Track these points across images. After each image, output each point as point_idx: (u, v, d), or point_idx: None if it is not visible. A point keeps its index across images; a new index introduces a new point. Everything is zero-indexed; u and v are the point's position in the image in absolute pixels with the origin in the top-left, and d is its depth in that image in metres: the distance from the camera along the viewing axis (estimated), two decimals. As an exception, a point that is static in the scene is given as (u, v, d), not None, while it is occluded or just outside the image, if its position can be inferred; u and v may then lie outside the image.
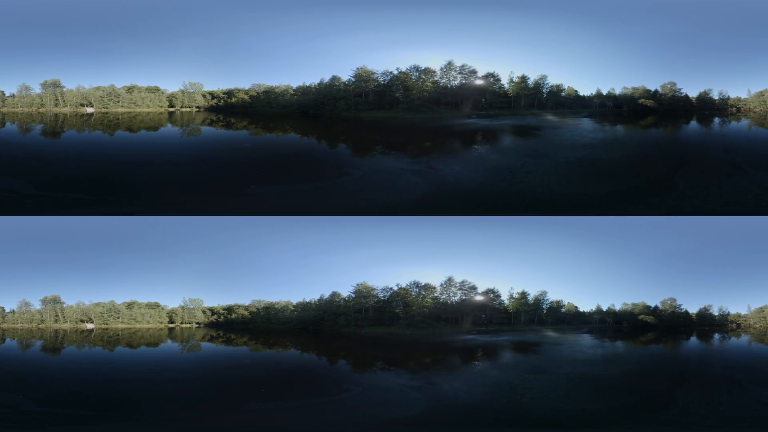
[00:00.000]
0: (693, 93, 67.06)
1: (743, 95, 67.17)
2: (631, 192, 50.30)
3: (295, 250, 63.81)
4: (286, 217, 54.69)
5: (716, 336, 65.13)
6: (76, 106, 69.49)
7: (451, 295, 64.70)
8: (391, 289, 65.23)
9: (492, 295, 65.78)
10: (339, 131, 64.32)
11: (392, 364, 53.84)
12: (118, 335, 67.14)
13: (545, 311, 67.22)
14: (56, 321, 68.95)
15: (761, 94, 66.92)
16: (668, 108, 66.84)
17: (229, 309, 70.56)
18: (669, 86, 67.15)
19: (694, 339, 64.60)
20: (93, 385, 48.19)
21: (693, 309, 67.03)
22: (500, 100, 66.70)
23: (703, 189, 50.17)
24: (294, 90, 68.45)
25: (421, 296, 64.62)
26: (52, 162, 56.64)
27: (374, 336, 63.78)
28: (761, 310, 66.79)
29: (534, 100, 67.02)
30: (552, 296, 67.25)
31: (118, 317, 69.86)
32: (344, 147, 61.41)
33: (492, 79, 66.69)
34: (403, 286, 65.13)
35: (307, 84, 68.32)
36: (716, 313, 66.91)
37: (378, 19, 65.22)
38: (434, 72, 65.98)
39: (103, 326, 69.18)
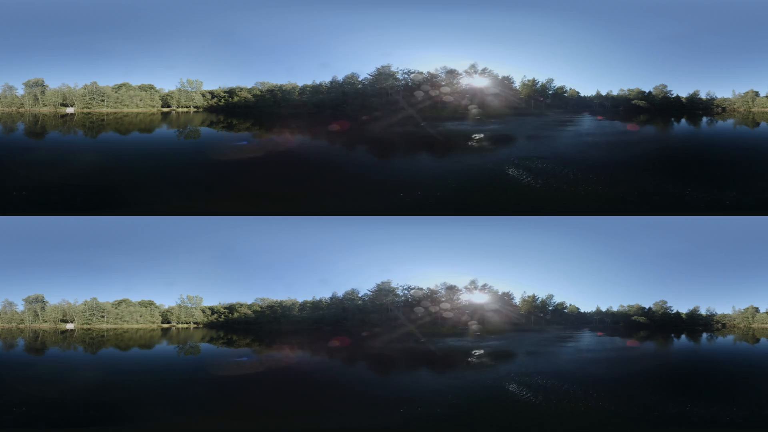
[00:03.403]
0: (684, 94, 68.88)
1: (729, 95, 68.99)
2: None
3: (296, 249, 63.24)
4: (286, 217, 54.27)
5: (704, 335, 66.81)
6: (56, 106, 67.16)
7: (473, 297, 64.73)
8: (414, 288, 64.39)
9: (506, 298, 66.05)
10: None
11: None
12: (102, 336, 65.30)
13: (550, 312, 67.81)
14: (35, 320, 67.41)
15: (745, 94, 68.77)
16: (660, 108, 68.32)
17: (231, 308, 68.21)
18: (660, 88, 68.77)
19: (683, 338, 66.02)
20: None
21: (684, 309, 68.64)
22: (515, 102, 67.11)
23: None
24: (301, 88, 65.91)
25: (450, 298, 64.18)
26: (30, 163, 55.55)
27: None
28: (745, 310, 68.61)
29: (540, 102, 67.66)
30: (554, 297, 68.23)
31: (103, 316, 68.03)
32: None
33: (506, 81, 66.92)
34: (430, 286, 64.61)
35: (317, 82, 65.81)
36: (704, 314, 68.81)
37: (379, 19, 64.99)
38: (460, 74, 65.71)
39: (84, 326, 67.37)
